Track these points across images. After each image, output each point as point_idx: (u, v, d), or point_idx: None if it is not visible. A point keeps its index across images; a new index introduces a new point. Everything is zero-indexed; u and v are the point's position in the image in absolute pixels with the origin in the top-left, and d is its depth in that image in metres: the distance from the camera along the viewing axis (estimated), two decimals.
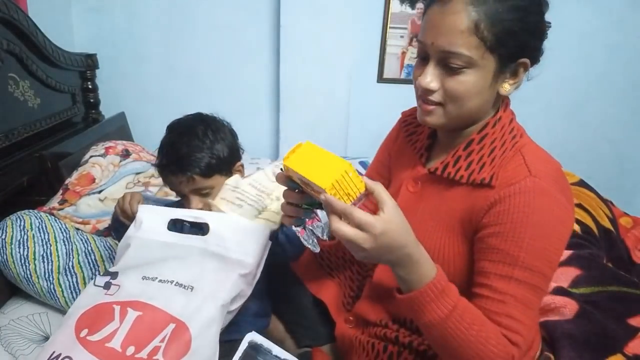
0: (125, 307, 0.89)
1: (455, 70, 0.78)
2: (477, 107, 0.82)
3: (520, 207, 0.76)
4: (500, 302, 0.76)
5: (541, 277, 0.76)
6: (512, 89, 0.83)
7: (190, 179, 1.05)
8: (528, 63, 0.81)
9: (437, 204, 0.89)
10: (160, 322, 0.87)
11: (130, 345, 0.84)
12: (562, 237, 0.78)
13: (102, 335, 0.85)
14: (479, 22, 0.74)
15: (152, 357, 0.84)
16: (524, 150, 0.83)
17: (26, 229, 1.23)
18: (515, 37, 0.76)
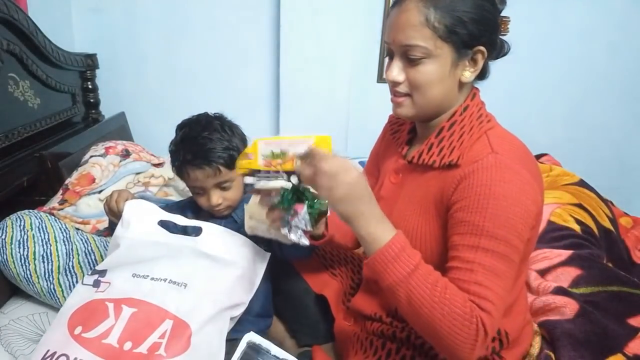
0: (119, 304, 0.89)
1: (415, 62, 0.85)
2: (441, 94, 0.88)
3: (482, 181, 0.80)
4: (468, 270, 0.78)
5: (507, 245, 0.78)
6: (472, 76, 0.88)
7: (216, 171, 1.08)
8: (484, 51, 0.85)
9: (414, 190, 0.93)
10: (157, 318, 0.88)
11: (127, 341, 0.85)
12: (527, 209, 0.79)
13: (98, 332, 0.85)
14: (429, 15, 0.82)
15: (154, 352, 0.84)
16: (490, 133, 0.88)
17: (26, 229, 1.23)
18: (464, 26, 0.82)
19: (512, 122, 2.40)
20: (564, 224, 1.47)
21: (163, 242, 1.02)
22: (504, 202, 0.78)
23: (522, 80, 2.35)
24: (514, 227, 0.78)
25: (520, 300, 0.97)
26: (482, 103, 0.93)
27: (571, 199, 1.57)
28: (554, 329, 1.09)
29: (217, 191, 1.11)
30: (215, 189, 1.11)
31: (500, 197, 0.78)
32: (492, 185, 0.79)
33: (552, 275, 1.30)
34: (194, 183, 1.11)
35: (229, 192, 1.12)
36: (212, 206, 1.12)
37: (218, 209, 1.13)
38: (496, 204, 0.78)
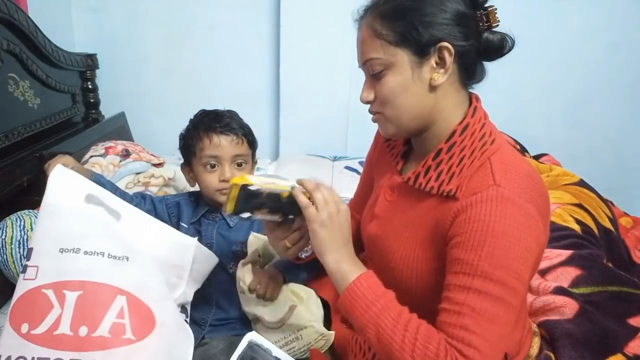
0: (59, 289, 0.84)
1: (378, 76, 0.82)
2: (411, 103, 0.82)
3: (480, 216, 0.74)
4: (456, 313, 0.73)
5: (504, 288, 0.71)
6: (443, 77, 0.80)
7: (240, 141, 1.15)
8: (449, 47, 0.78)
9: (411, 215, 0.88)
10: (106, 296, 0.83)
11: (82, 326, 0.81)
12: (528, 247, 0.73)
13: (47, 326, 0.81)
14: (377, 26, 0.81)
15: (120, 336, 0.81)
16: (493, 159, 0.80)
17: (26, 229, 1.23)
18: (414, 26, 0.78)
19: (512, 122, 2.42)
20: (564, 224, 1.46)
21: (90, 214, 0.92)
22: (503, 240, 0.72)
23: (522, 80, 2.35)
24: (513, 267, 0.72)
25: (519, 321, 0.92)
26: (484, 117, 0.86)
27: (571, 199, 1.57)
28: (554, 329, 1.09)
29: (232, 166, 1.14)
30: (231, 163, 1.14)
31: (499, 234, 0.72)
32: (490, 221, 0.72)
33: (552, 275, 1.30)
34: (214, 151, 1.13)
35: (241, 171, 1.15)
36: (224, 180, 1.13)
37: (227, 187, 1.12)
38: (494, 242, 0.72)
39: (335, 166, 2.22)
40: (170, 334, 0.89)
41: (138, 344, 0.83)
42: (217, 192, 1.15)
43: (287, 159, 2.30)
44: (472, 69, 0.83)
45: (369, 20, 0.83)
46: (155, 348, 0.85)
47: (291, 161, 2.26)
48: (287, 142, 2.40)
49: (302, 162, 2.25)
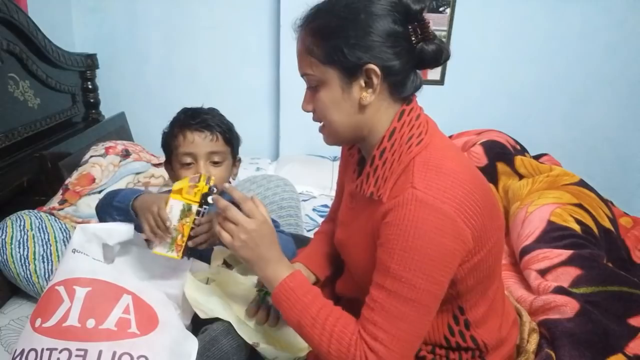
0: (70, 285, 0.89)
1: (314, 89, 0.85)
2: (342, 119, 0.85)
3: (396, 220, 0.77)
4: (370, 308, 0.79)
5: (413, 289, 0.75)
6: (371, 97, 0.82)
7: (215, 137, 1.12)
8: (376, 69, 0.79)
9: (362, 220, 0.91)
10: (113, 293, 0.88)
11: (90, 318, 0.85)
12: (445, 248, 0.76)
13: (57, 319, 0.85)
14: (309, 43, 0.83)
15: (126, 329, 0.84)
16: (417, 159, 0.82)
17: (26, 229, 1.23)
18: (339, 49, 0.79)
19: (512, 122, 2.42)
20: (564, 224, 1.46)
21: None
22: (413, 243, 0.75)
23: (522, 80, 2.35)
24: (424, 270, 0.75)
25: (494, 310, 0.94)
26: (415, 118, 0.85)
27: (571, 199, 1.57)
28: (555, 328, 1.09)
29: (207, 163, 1.12)
30: (206, 161, 1.12)
31: (411, 238, 0.75)
32: (404, 225, 0.75)
33: (552, 275, 1.30)
34: (188, 148, 1.11)
35: (218, 169, 1.13)
36: None
37: None
38: (406, 245, 0.75)
39: (335, 166, 2.22)
40: (174, 332, 0.92)
41: (142, 338, 0.86)
42: None
43: (287, 159, 2.30)
44: (402, 85, 0.84)
45: (303, 34, 0.85)
46: (158, 343, 0.88)
47: (291, 161, 2.26)
48: (287, 142, 2.40)
49: (302, 162, 2.26)
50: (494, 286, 0.93)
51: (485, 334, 0.91)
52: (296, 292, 0.84)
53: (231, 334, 0.95)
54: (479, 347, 0.91)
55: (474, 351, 0.92)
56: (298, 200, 1.74)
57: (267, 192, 1.69)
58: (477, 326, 0.90)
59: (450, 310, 0.89)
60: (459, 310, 0.89)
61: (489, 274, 0.88)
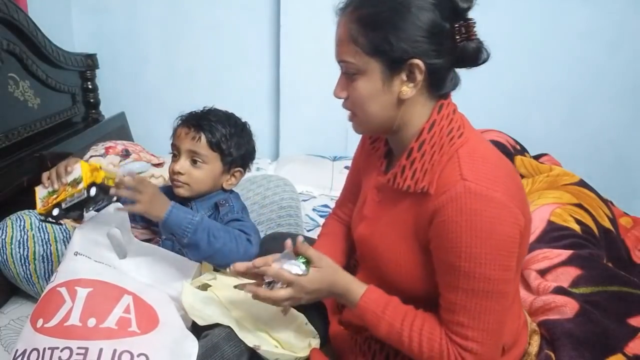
0: (72, 286, 0.90)
1: (351, 77, 0.84)
2: (379, 112, 0.84)
3: (452, 216, 0.77)
4: (450, 311, 0.80)
5: (487, 281, 0.76)
6: (412, 92, 0.82)
7: (197, 137, 1.13)
8: (420, 64, 0.79)
9: (395, 215, 0.90)
10: (115, 293, 0.89)
11: (91, 318, 0.86)
12: (505, 236, 0.76)
13: (59, 318, 0.86)
14: (354, 31, 0.80)
15: (127, 328, 0.85)
16: (461, 151, 0.82)
17: (26, 229, 1.23)
18: (389, 42, 0.78)
19: (512, 122, 2.42)
20: (564, 224, 1.46)
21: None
22: (477, 236, 0.75)
23: (522, 80, 2.35)
24: (492, 260, 0.75)
25: (514, 309, 0.95)
26: (452, 113, 0.86)
27: (571, 199, 1.57)
28: (554, 329, 1.09)
29: (186, 160, 1.14)
30: (187, 158, 1.14)
31: (472, 232, 0.75)
32: (462, 220, 0.76)
33: (552, 275, 1.30)
34: (174, 140, 1.16)
35: (197, 170, 1.14)
36: (174, 172, 1.15)
37: (175, 178, 1.15)
38: (469, 241, 0.75)
39: (335, 166, 2.22)
40: (174, 332, 0.93)
41: (143, 337, 0.87)
42: (171, 181, 1.17)
43: (287, 159, 2.30)
44: (442, 82, 0.84)
45: (347, 19, 0.82)
46: (159, 342, 0.88)
47: (291, 161, 2.26)
48: (287, 142, 2.40)
49: (302, 162, 2.25)
50: (517, 282, 0.94)
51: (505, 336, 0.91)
52: (379, 304, 0.86)
53: (233, 340, 0.95)
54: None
55: None
56: (298, 200, 1.74)
57: (267, 192, 1.69)
58: None
59: None
60: None
61: (518, 270, 0.89)
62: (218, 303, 1.01)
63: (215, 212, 1.18)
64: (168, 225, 1.00)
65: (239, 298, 1.02)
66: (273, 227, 1.58)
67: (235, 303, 1.02)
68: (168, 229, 1.01)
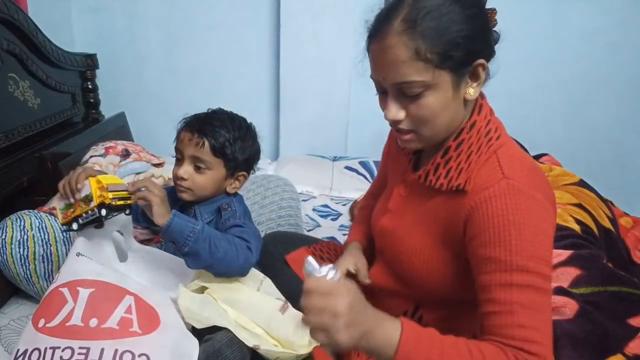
0: (74, 287, 0.90)
1: (415, 96, 0.78)
2: (448, 120, 0.82)
3: (498, 211, 0.75)
4: (508, 313, 0.72)
5: (540, 276, 0.74)
6: (477, 91, 0.82)
7: (200, 143, 1.10)
8: (484, 63, 0.80)
9: (423, 212, 0.89)
10: (116, 294, 0.89)
11: (92, 318, 0.86)
12: (548, 233, 0.77)
13: (60, 318, 0.86)
14: (418, 47, 0.75)
15: (128, 329, 0.85)
16: (500, 152, 0.82)
17: (26, 229, 1.23)
18: (458, 47, 0.76)
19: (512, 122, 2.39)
20: (564, 224, 1.46)
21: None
22: (526, 231, 0.74)
23: (522, 80, 2.34)
24: (541, 255, 0.74)
25: None
26: (490, 114, 0.87)
27: (571, 199, 1.57)
28: (554, 329, 1.08)
29: (189, 166, 1.12)
30: (190, 163, 1.12)
31: (521, 225, 0.74)
32: (509, 214, 0.74)
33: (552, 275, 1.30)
34: (178, 144, 1.14)
35: (200, 176, 1.12)
36: (176, 176, 1.13)
37: (179, 183, 1.13)
38: (518, 234, 0.73)
39: (335, 166, 2.23)
40: (175, 333, 0.93)
41: (144, 337, 0.87)
42: (175, 185, 1.15)
43: (287, 159, 2.30)
44: (487, 76, 0.84)
45: (405, 39, 0.75)
46: (160, 343, 0.88)
47: (291, 161, 2.26)
48: (287, 142, 2.40)
49: (302, 162, 2.25)
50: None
51: None
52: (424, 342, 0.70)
53: (235, 345, 0.95)
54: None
55: None
56: (298, 200, 1.74)
57: (267, 192, 1.69)
58: None
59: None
60: None
61: None
62: (215, 305, 1.01)
63: (217, 217, 1.17)
64: (169, 233, 0.99)
65: (236, 299, 1.02)
66: (273, 227, 1.58)
67: (232, 304, 1.02)
68: (169, 237, 1.00)
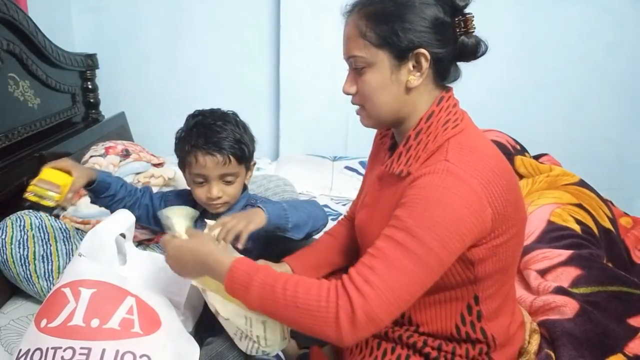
0: (75, 287, 0.90)
1: (360, 71, 0.88)
2: (389, 101, 0.88)
3: (424, 184, 0.81)
4: (372, 255, 0.79)
5: (423, 246, 0.76)
6: (418, 80, 0.86)
7: (226, 160, 1.08)
8: (426, 53, 0.84)
9: (389, 200, 0.92)
10: (118, 294, 0.89)
11: (94, 318, 0.86)
12: (462, 218, 0.78)
13: (62, 318, 0.87)
14: (362, 26, 0.85)
15: (130, 329, 0.86)
16: (452, 140, 0.86)
17: (26, 229, 1.23)
18: (396, 33, 0.83)
19: (513, 122, 2.42)
20: (564, 224, 1.47)
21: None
22: (436, 206, 0.78)
23: (522, 80, 2.35)
24: (438, 232, 0.77)
25: (506, 307, 0.96)
26: (452, 106, 0.90)
27: (571, 199, 1.57)
28: (554, 328, 1.09)
29: (219, 183, 1.10)
30: (219, 181, 1.10)
31: (434, 200, 0.78)
32: (430, 189, 0.79)
33: (552, 275, 1.30)
34: (200, 170, 1.09)
35: (231, 187, 1.12)
36: (211, 198, 1.11)
37: (215, 203, 1.12)
38: (427, 205, 0.78)
39: (335, 166, 2.23)
40: (176, 335, 0.93)
41: (145, 338, 0.87)
42: (208, 205, 1.14)
43: (287, 159, 2.30)
44: (447, 72, 0.89)
45: (355, 18, 0.87)
46: (161, 344, 0.89)
47: (291, 161, 2.26)
48: (287, 142, 2.40)
49: (302, 162, 2.26)
50: (509, 284, 0.96)
51: (495, 328, 0.93)
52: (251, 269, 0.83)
53: (236, 349, 0.95)
54: (487, 341, 0.92)
55: (482, 345, 0.93)
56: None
57: (267, 192, 1.69)
58: (488, 319, 0.92)
59: (465, 299, 0.91)
60: (474, 300, 0.91)
61: (507, 266, 0.90)
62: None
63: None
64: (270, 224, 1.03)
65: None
66: None
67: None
68: (271, 226, 1.04)
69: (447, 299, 0.91)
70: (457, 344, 0.93)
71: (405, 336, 0.95)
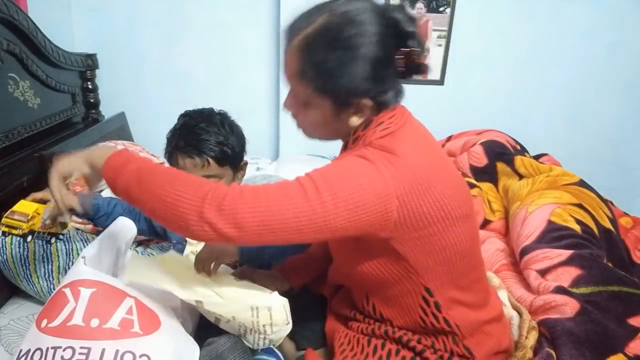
0: (75, 287, 0.90)
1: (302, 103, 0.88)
2: (327, 132, 0.91)
3: (340, 157, 0.87)
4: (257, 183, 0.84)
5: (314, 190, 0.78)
6: (359, 120, 0.87)
7: (205, 163, 1.09)
8: (368, 103, 0.84)
9: None
10: (117, 295, 0.90)
11: (93, 318, 0.86)
12: (363, 193, 0.78)
13: (62, 318, 0.87)
14: (305, 68, 0.82)
15: (129, 329, 0.86)
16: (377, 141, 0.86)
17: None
18: (337, 85, 0.81)
19: (512, 122, 2.41)
20: (564, 224, 1.46)
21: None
22: (343, 171, 0.80)
23: (522, 80, 2.35)
24: (335, 189, 0.78)
25: (468, 297, 0.96)
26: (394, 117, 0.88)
27: (571, 199, 1.57)
28: (555, 327, 1.09)
29: None
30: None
31: (344, 168, 0.81)
32: (345, 160, 0.83)
33: (552, 275, 1.30)
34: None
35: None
36: None
37: None
38: (336, 170, 0.82)
39: None
40: (175, 335, 0.93)
41: (145, 338, 0.87)
42: None
43: (287, 159, 2.30)
44: (388, 102, 0.87)
45: (300, 54, 0.83)
46: (161, 344, 0.89)
47: (291, 161, 2.26)
48: (287, 142, 2.40)
49: (302, 162, 2.25)
50: (470, 276, 0.95)
51: (457, 316, 0.93)
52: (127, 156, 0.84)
53: (237, 350, 0.95)
54: (452, 330, 0.93)
55: (452, 335, 0.94)
56: None
57: None
58: (448, 308, 0.92)
59: (418, 292, 0.91)
60: (426, 292, 0.91)
61: (451, 257, 0.89)
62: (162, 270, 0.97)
63: None
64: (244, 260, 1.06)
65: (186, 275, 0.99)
66: None
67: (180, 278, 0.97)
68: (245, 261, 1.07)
69: (401, 294, 0.93)
70: (434, 336, 0.95)
71: (390, 332, 0.97)
